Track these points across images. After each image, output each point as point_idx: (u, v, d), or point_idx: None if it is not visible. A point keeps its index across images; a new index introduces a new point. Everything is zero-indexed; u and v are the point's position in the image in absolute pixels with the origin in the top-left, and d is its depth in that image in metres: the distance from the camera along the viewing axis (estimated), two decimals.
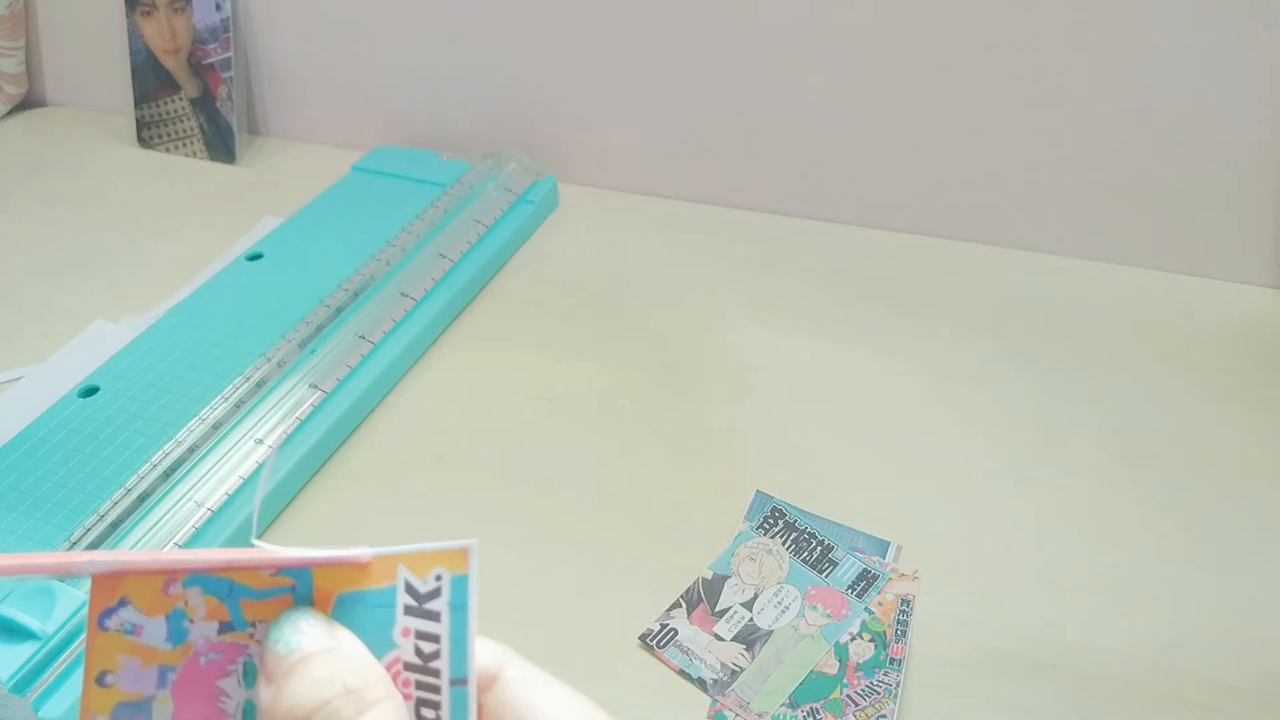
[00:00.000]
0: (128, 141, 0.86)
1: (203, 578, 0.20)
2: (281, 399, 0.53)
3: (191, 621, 0.20)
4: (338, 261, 0.64)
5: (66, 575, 0.19)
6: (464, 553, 0.19)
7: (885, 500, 0.51)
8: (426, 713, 0.19)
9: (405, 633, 0.19)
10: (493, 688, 0.21)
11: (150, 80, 0.83)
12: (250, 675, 0.20)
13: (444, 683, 0.19)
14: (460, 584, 0.19)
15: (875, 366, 0.60)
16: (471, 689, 0.19)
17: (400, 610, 0.19)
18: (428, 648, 0.19)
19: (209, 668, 0.20)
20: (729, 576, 0.46)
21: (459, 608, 0.19)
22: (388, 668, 0.19)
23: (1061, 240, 0.70)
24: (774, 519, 0.49)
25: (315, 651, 0.19)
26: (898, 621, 0.44)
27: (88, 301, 0.65)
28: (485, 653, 0.21)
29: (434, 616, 0.19)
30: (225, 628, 0.20)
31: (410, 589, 0.19)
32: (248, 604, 0.20)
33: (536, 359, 0.61)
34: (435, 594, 0.19)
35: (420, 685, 0.19)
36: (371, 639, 0.20)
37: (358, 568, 0.20)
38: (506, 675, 0.21)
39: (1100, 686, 0.42)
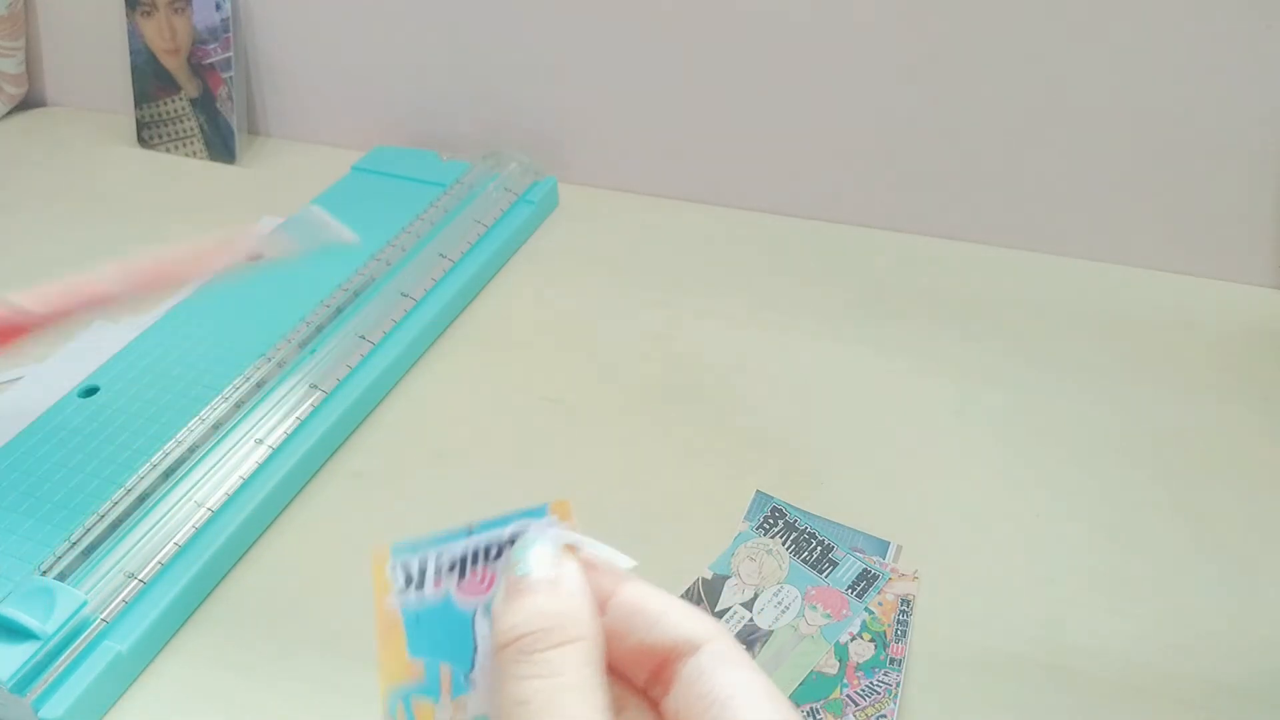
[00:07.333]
0: (128, 141, 0.86)
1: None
2: (281, 399, 0.53)
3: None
4: (338, 261, 0.64)
5: None
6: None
7: (885, 500, 0.51)
8: None
9: None
10: (693, 656, 0.22)
11: (150, 80, 0.83)
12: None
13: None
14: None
15: (875, 366, 0.60)
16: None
17: None
18: None
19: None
20: (729, 576, 0.46)
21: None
22: None
23: (1062, 240, 0.70)
24: (774, 519, 0.49)
25: (541, 580, 0.22)
26: (898, 621, 0.44)
27: None
28: (697, 622, 0.22)
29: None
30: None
31: None
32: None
33: (536, 359, 0.61)
34: None
35: None
36: None
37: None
38: (709, 649, 0.22)
39: (1100, 686, 0.42)
